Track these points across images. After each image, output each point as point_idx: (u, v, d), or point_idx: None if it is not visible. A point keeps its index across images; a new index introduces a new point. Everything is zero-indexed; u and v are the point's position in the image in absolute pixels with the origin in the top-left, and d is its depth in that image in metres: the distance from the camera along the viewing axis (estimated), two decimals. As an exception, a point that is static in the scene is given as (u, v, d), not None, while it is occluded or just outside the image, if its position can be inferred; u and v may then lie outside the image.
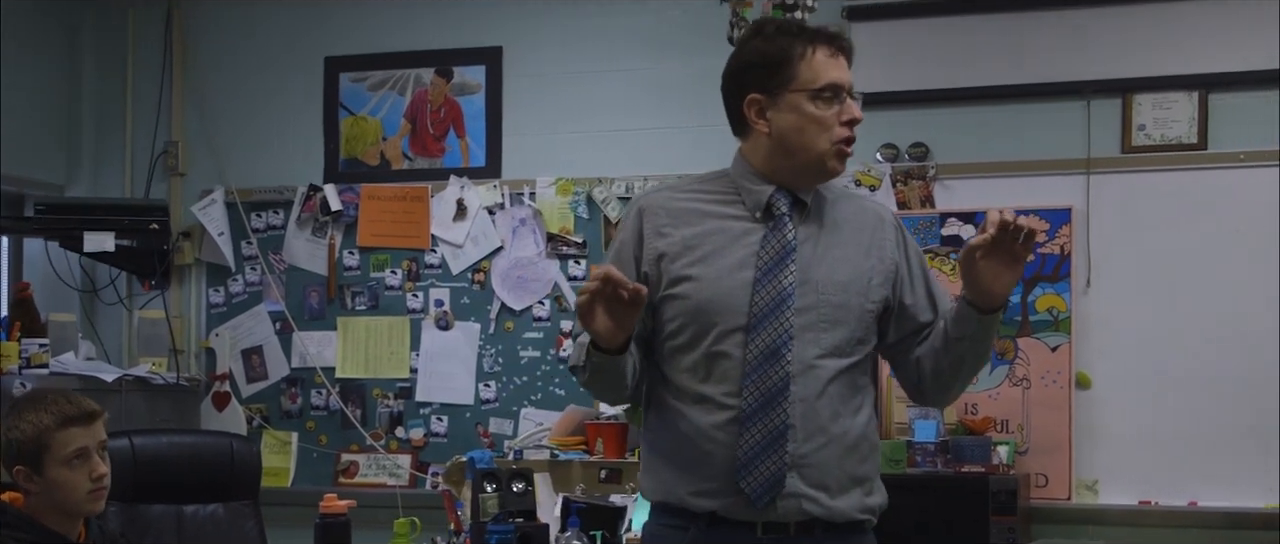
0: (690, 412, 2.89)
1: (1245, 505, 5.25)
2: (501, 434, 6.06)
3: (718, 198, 2.98)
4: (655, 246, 2.93)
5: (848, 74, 2.91)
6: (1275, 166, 5.31)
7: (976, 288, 2.82)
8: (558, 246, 6.08)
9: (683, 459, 2.89)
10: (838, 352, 2.91)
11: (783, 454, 2.83)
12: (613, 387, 2.92)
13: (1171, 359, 5.35)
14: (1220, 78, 5.40)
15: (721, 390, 2.87)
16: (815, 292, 2.89)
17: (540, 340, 6.09)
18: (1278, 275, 5.27)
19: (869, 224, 3.01)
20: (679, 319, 2.91)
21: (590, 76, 6.13)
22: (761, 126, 2.93)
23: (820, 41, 2.90)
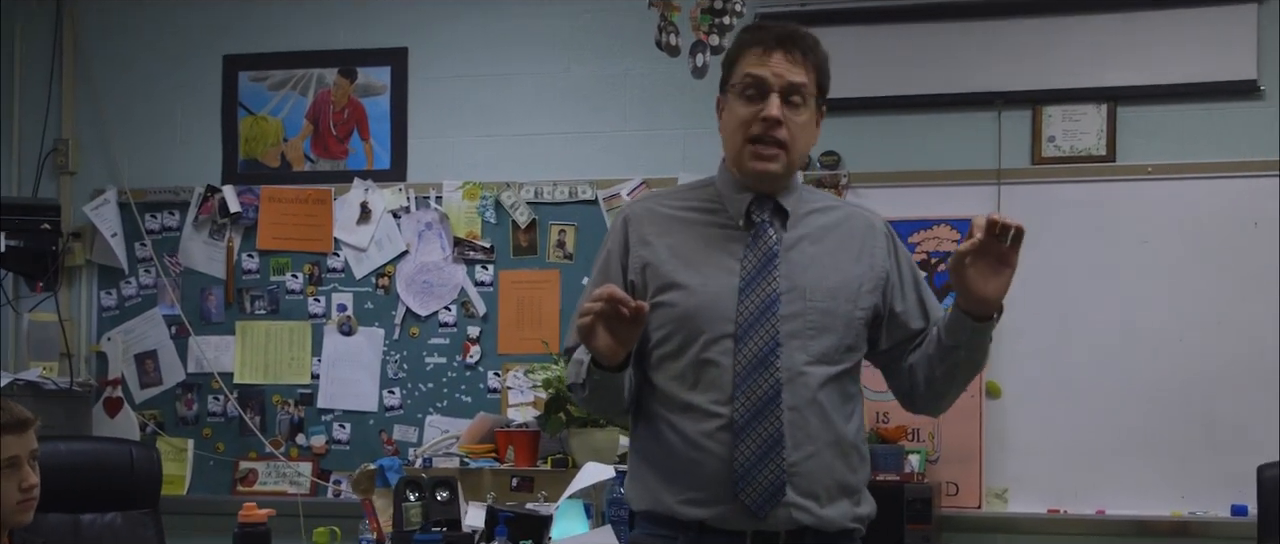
0: (678, 420, 2.85)
1: (1152, 513, 5.32)
2: (406, 441, 5.95)
3: (701, 206, 2.96)
4: (640, 255, 2.91)
5: (778, 69, 2.84)
6: (1182, 179, 5.39)
7: (968, 294, 2.76)
8: (465, 251, 5.99)
9: (670, 468, 2.86)
10: (826, 359, 2.87)
11: (780, 463, 2.80)
12: (613, 403, 2.89)
13: (1080, 369, 5.40)
14: (1128, 91, 5.47)
15: (710, 398, 2.83)
16: (802, 298, 2.86)
17: (446, 346, 6.00)
18: (1184, 287, 5.35)
19: (859, 231, 2.98)
20: (666, 327, 2.88)
21: (499, 79, 6.05)
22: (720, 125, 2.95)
23: (757, 38, 2.89)
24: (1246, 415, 5.27)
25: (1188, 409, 5.33)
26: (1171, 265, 5.37)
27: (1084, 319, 5.41)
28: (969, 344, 2.83)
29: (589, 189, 5.89)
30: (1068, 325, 5.41)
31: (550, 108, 6.02)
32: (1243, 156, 5.36)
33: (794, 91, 2.85)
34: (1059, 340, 5.41)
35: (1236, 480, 5.18)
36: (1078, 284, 5.43)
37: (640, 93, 5.92)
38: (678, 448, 2.85)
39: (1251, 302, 5.31)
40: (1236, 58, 5.38)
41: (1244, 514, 5.17)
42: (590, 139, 5.96)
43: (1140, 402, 5.36)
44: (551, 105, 6.01)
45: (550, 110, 6.01)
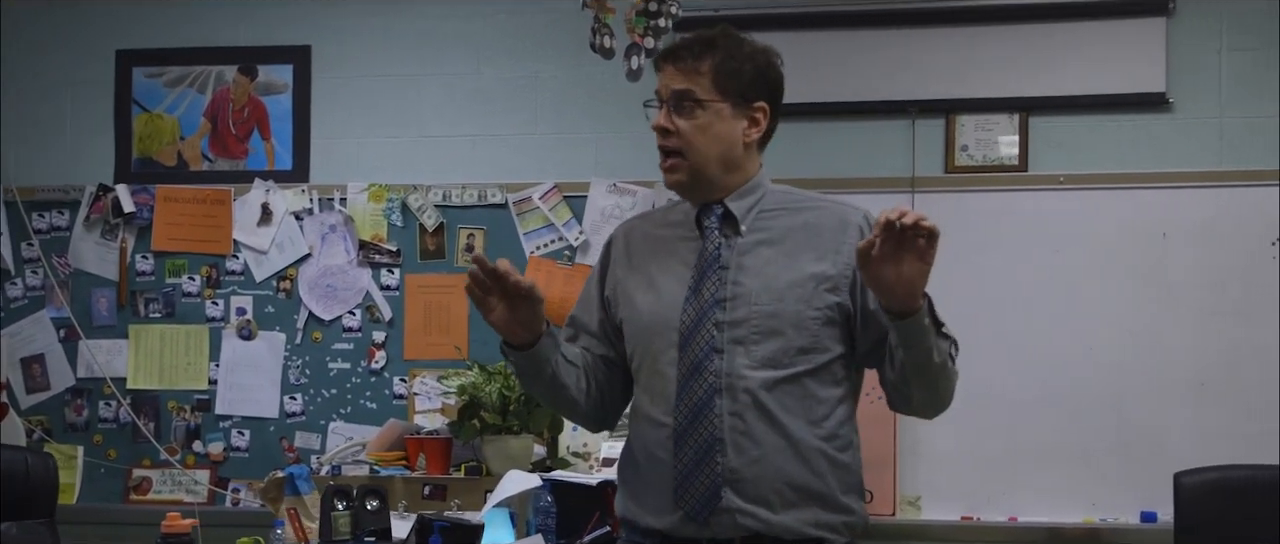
0: (640, 430, 2.94)
1: (1063, 520, 5.36)
2: (308, 449, 5.81)
3: (675, 220, 3.02)
4: (615, 276, 3.03)
5: (667, 81, 2.92)
6: (1093, 189, 5.43)
7: (881, 291, 2.72)
8: (370, 255, 5.86)
9: (637, 479, 2.94)
10: (772, 363, 2.84)
11: (715, 468, 2.80)
12: (551, 396, 2.98)
13: (992, 377, 5.41)
14: (1040, 102, 5.51)
15: (660, 409, 2.88)
16: (748, 303, 2.85)
17: (350, 352, 5.87)
18: (1095, 296, 5.39)
19: (829, 228, 2.94)
20: (631, 343, 2.97)
21: (407, 79, 5.94)
22: None
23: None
24: (1155, 424, 5.33)
25: (1098, 417, 5.37)
26: (1082, 275, 5.41)
27: (996, 328, 5.43)
28: (903, 343, 2.78)
29: (499, 193, 5.79)
30: (980, 334, 5.39)
31: (459, 109, 5.91)
32: (1152, 168, 5.42)
33: (682, 99, 2.88)
34: (972, 349, 5.27)
35: (1146, 488, 5.25)
36: (990, 293, 5.45)
37: (552, 96, 5.84)
38: (639, 458, 2.93)
39: (1160, 312, 5.37)
40: (1146, 71, 5.44)
41: (1153, 521, 5.23)
42: (501, 142, 5.87)
43: (1052, 410, 5.39)
44: (461, 107, 5.91)
45: (459, 112, 5.91)
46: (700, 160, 2.89)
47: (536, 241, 5.75)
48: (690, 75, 2.89)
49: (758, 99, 2.95)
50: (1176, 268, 5.37)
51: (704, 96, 2.89)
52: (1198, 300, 5.36)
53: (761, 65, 2.97)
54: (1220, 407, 5.30)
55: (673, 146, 2.89)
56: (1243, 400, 5.29)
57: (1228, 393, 5.30)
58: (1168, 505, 4.96)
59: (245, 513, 5.72)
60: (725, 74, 2.90)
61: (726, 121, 2.91)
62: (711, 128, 2.89)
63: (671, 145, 2.89)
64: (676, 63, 2.92)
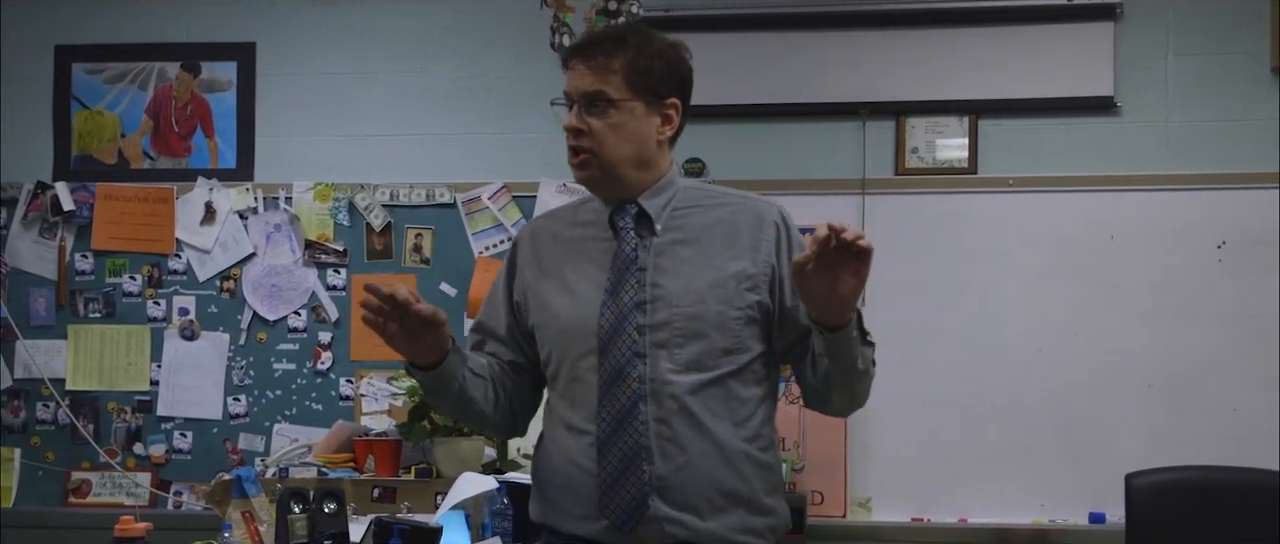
0: (561, 438, 2.88)
1: (1013, 522, 5.38)
2: (252, 450, 5.75)
3: (586, 220, 2.96)
4: (525, 277, 2.94)
5: (578, 80, 2.88)
6: (1041, 192, 5.46)
7: (815, 305, 2.71)
8: (316, 254, 5.79)
9: (558, 485, 2.87)
10: (696, 366, 2.81)
11: (641, 476, 2.77)
12: (460, 410, 2.93)
13: (942, 378, 5.44)
14: (990, 104, 5.53)
15: (581, 416, 2.84)
16: (668, 306, 2.82)
17: (296, 352, 5.80)
18: (1044, 298, 5.42)
19: (746, 225, 2.90)
20: (546, 348, 2.92)
21: (354, 78, 5.88)
22: None
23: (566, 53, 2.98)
24: (1104, 425, 5.37)
25: (1047, 419, 5.40)
26: (1031, 277, 5.44)
27: (946, 329, 5.45)
28: (831, 353, 2.78)
29: (447, 192, 5.74)
30: (931, 335, 5.44)
31: (407, 108, 5.86)
32: (1100, 171, 5.46)
33: (595, 99, 2.84)
34: (922, 350, 5.43)
35: (1094, 489, 5.30)
36: (940, 294, 5.47)
37: (500, 95, 5.80)
38: (560, 465, 2.87)
39: (1108, 313, 5.41)
40: (1094, 74, 5.48)
41: (1102, 522, 5.27)
42: (449, 141, 5.82)
43: (1001, 411, 5.42)
44: (408, 106, 5.86)
45: (407, 111, 5.86)
46: (613, 159, 2.85)
47: (485, 241, 5.71)
48: (602, 74, 2.85)
49: (670, 96, 2.90)
50: (1124, 270, 5.41)
51: (617, 96, 2.84)
52: (1145, 302, 5.40)
53: (672, 62, 2.92)
54: (1167, 408, 5.35)
55: (584, 146, 2.85)
56: (1190, 402, 5.34)
57: (1175, 394, 5.35)
58: (1115, 506, 5.00)
59: (188, 516, 5.63)
60: (637, 72, 2.86)
61: (639, 120, 2.86)
62: (625, 127, 2.85)
63: (584, 145, 2.85)
64: (587, 61, 2.87)
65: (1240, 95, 5.44)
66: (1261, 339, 5.32)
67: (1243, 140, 5.42)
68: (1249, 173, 5.38)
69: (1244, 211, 5.36)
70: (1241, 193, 5.37)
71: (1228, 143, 5.43)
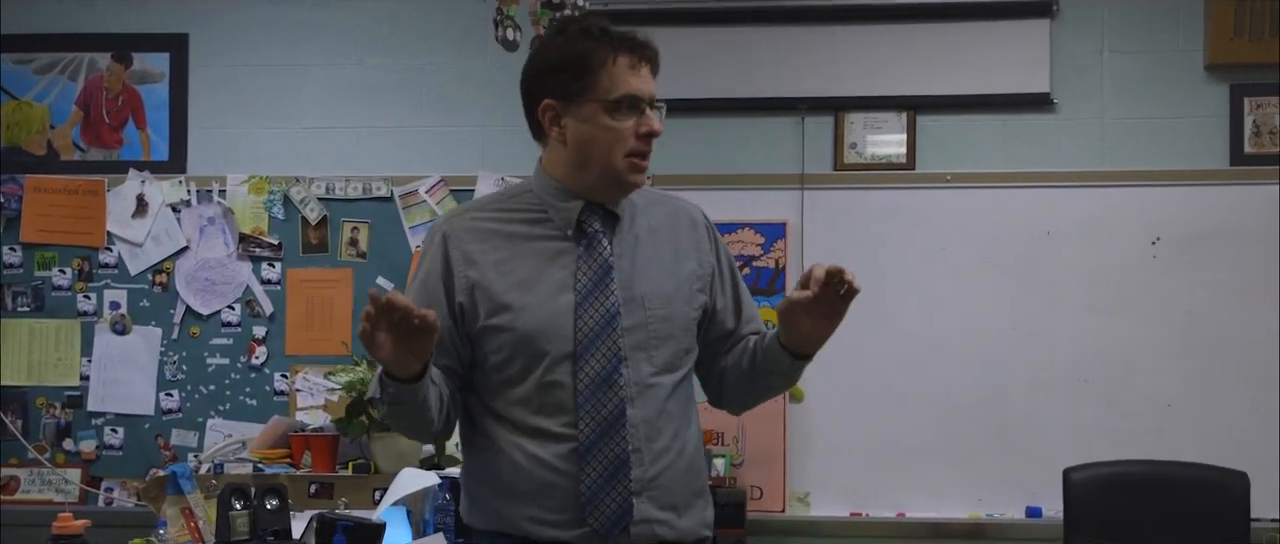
0: (528, 444, 2.72)
1: (950, 516, 5.41)
2: (185, 446, 5.67)
3: (524, 217, 2.80)
4: (467, 276, 2.75)
5: (649, 84, 2.75)
6: (978, 188, 5.49)
7: (794, 337, 2.73)
8: (250, 248, 5.73)
9: (522, 491, 2.72)
10: (670, 367, 2.78)
11: (627, 484, 2.70)
12: (415, 421, 2.72)
13: (880, 374, 5.46)
14: (928, 100, 5.56)
15: (558, 422, 2.71)
16: (641, 308, 2.76)
17: (230, 347, 5.73)
18: (980, 294, 5.45)
19: (684, 227, 2.89)
20: (505, 350, 2.74)
21: (289, 70, 5.82)
22: (556, 134, 2.77)
23: (623, 49, 2.74)
24: (1040, 420, 5.41)
25: (984, 414, 5.44)
26: (968, 272, 5.47)
27: (884, 324, 5.46)
28: (785, 372, 2.82)
29: (384, 186, 5.70)
30: (869, 331, 5.44)
31: (342, 101, 5.81)
32: (1036, 167, 5.50)
33: (653, 103, 2.76)
34: (860, 345, 5.43)
35: (1030, 483, 5.34)
36: (878, 290, 5.42)
37: (438, 88, 5.76)
38: (529, 471, 2.71)
39: (1044, 309, 5.45)
40: (1031, 71, 5.51)
41: (1038, 516, 5.31)
42: (385, 134, 5.77)
43: (938, 406, 5.44)
44: (344, 98, 5.81)
45: (343, 103, 5.81)
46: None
47: (423, 235, 5.67)
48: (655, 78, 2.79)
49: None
50: (1059, 266, 5.45)
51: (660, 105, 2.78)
52: (1080, 298, 5.44)
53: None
54: (1103, 403, 5.39)
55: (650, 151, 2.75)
56: (1124, 397, 5.39)
57: (1110, 389, 5.39)
58: (1051, 500, 5.05)
59: (120, 513, 5.55)
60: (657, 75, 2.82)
61: None
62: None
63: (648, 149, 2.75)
64: (654, 67, 2.78)
65: (1174, 93, 5.50)
66: (1195, 334, 5.37)
67: (1177, 137, 5.48)
68: (1183, 170, 5.44)
69: (1178, 208, 5.42)
70: (1176, 189, 5.42)
71: (1162, 140, 5.49)
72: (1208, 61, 5.47)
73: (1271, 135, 5.46)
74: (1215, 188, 5.42)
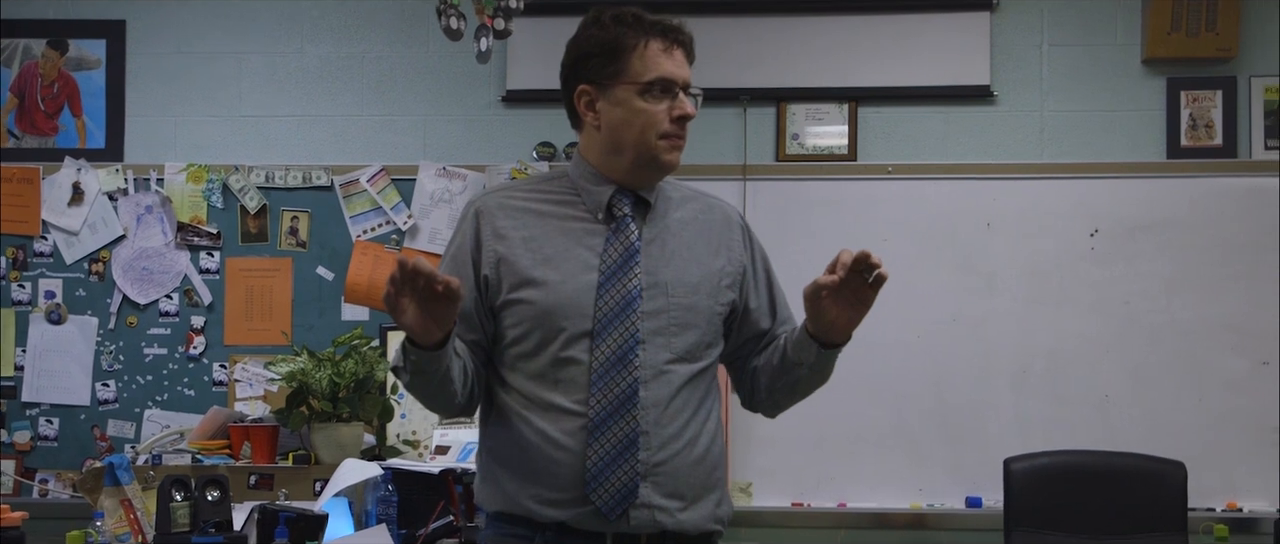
0: (537, 420, 2.74)
1: (891, 506, 5.44)
2: (122, 437, 5.61)
3: (557, 198, 2.84)
4: (495, 250, 2.78)
5: (684, 69, 2.82)
6: (919, 179, 5.52)
7: (821, 324, 2.76)
8: (189, 237, 5.67)
9: (529, 468, 2.74)
10: (689, 356, 2.79)
11: (634, 463, 2.71)
12: (438, 392, 2.72)
13: (823, 364, 5.46)
14: (869, 92, 5.58)
15: (571, 398, 2.73)
16: (665, 294, 2.78)
17: (167, 337, 5.67)
18: (922, 285, 5.47)
19: (717, 224, 2.93)
20: (524, 324, 2.77)
21: (227, 57, 5.77)
22: (591, 120, 2.81)
23: (655, 34, 2.80)
24: (980, 411, 5.44)
25: (924, 404, 5.46)
26: (910, 263, 5.49)
27: (826, 315, 5.47)
28: (814, 365, 2.84)
29: (324, 175, 5.66)
30: (810, 321, 5.47)
31: (282, 89, 5.76)
32: (977, 159, 5.54)
33: (688, 87, 2.83)
34: (802, 336, 5.47)
35: (971, 473, 5.37)
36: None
37: (379, 77, 5.73)
38: (537, 447, 2.74)
39: (985, 300, 5.48)
40: (971, 64, 5.55)
41: (978, 506, 5.35)
42: (326, 123, 5.73)
43: (880, 397, 5.47)
44: (284, 87, 5.76)
45: (282, 92, 5.76)
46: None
47: (364, 225, 5.64)
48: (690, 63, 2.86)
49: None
50: (999, 257, 5.49)
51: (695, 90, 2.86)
52: (1020, 289, 5.48)
53: None
54: (1042, 393, 5.43)
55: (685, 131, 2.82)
56: (1063, 387, 5.43)
57: (1049, 380, 5.44)
58: (992, 490, 5.08)
59: (55, 504, 5.49)
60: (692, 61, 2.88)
61: None
62: None
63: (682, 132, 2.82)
64: (688, 53, 2.86)
65: (1113, 86, 5.55)
66: (1132, 326, 5.43)
67: (1115, 130, 5.53)
68: (1121, 162, 5.49)
69: (1116, 200, 5.46)
70: (1114, 182, 5.47)
71: (1101, 132, 5.54)
72: (1145, 55, 5.52)
73: (1207, 129, 5.52)
74: (1153, 180, 5.47)
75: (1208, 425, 5.36)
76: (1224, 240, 5.43)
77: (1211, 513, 5.27)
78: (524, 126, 5.65)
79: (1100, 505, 4.71)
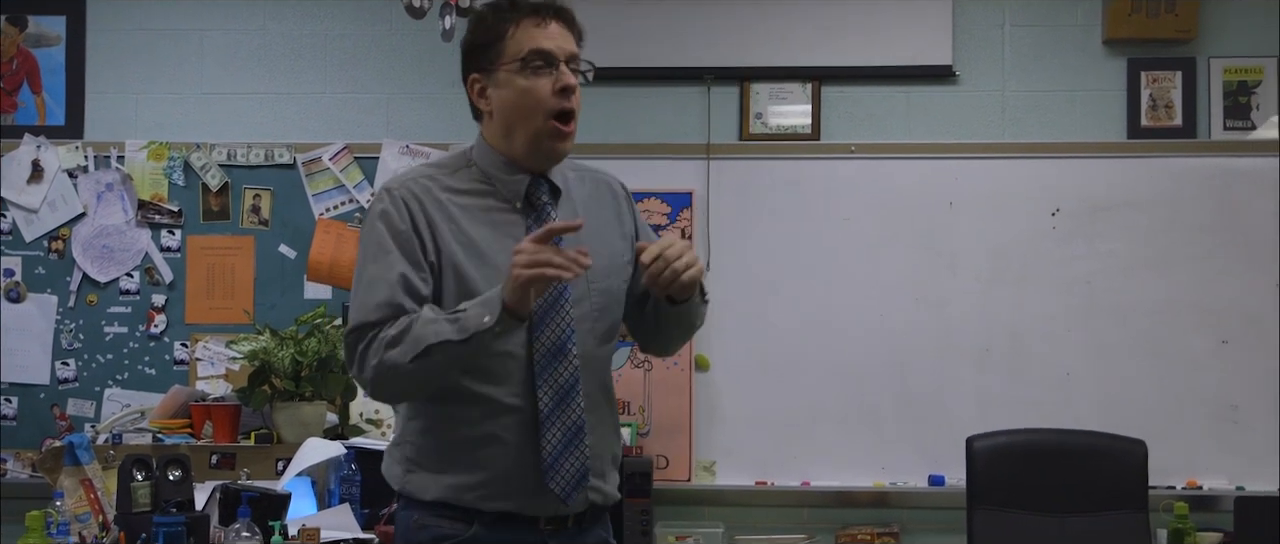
0: (469, 413, 2.72)
1: (853, 485, 5.46)
2: (82, 417, 5.58)
3: (472, 188, 2.79)
4: (436, 238, 2.73)
5: (560, 39, 2.76)
6: (882, 159, 5.53)
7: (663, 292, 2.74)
8: (150, 214, 5.64)
9: (467, 461, 2.73)
10: (608, 337, 2.84)
11: (583, 450, 2.74)
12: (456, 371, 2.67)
13: (785, 343, 5.49)
14: (832, 71, 5.59)
15: (505, 391, 2.72)
16: (585, 281, 2.76)
17: (128, 316, 5.64)
18: (884, 264, 5.49)
19: (609, 199, 2.92)
20: None
21: (189, 35, 5.74)
22: (484, 106, 2.80)
23: (525, 13, 2.77)
24: (942, 389, 5.47)
25: (887, 383, 5.49)
26: (872, 243, 5.51)
27: (790, 294, 5.49)
28: (676, 321, 2.86)
29: (287, 152, 5.63)
30: (774, 300, 5.49)
31: (244, 67, 5.73)
32: (939, 139, 5.56)
33: (574, 61, 2.78)
34: (766, 315, 5.48)
35: (933, 451, 5.40)
36: (784, 260, 5.51)
37: (342, 55, 5.71)
38: (472, 440, 2.72)
39: (946, 279, 5.50)
40: (933, 44, 5.56)
41: (941, 484, 5.37)
42: (288, 101, 5.71)
43: (843, 376, 5.48)
44: (246, 64, 5.73)
45: (244, 69, 5.73)
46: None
47: (326, 203, 5.61)
48: (574, 39, 2.80)
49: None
50: (961, 236, 5.51)
51: (584, 65, 2.81)
52: (982, 268, 5.51)
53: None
54: (1004, 372, 5.46)
55: (574, 106, 2.77)
56: (1025, 366, 5.46)
57: (1011, 359, 5.46)
58: (955, 468, 5.10)
59: (14, 484, 5.48)
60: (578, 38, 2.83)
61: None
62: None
63: (575, 104, 2.76)
64: (566, 24, 2.80)
65: (1074, 66, 5.58)
66: (1093, 304, 5.46)
67: (1076, 110, 5.56)
68: (1082, 142, 5.52)
69: (1077, 180, 5.49)
70: (1075, 161, 5.50)
71: (1062, 113, 5.57)
72: (1106, 36, 5.55)
73: (1167, 109, 5.55)
74: (1113, 160, 5.50)
75: (1168, 404, 5.40)
76: (1184, 220, 5.46)
77: (1172, 491, 5.31)
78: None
79: (1062, 483, 4.73)
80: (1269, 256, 5.43)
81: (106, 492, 4.12)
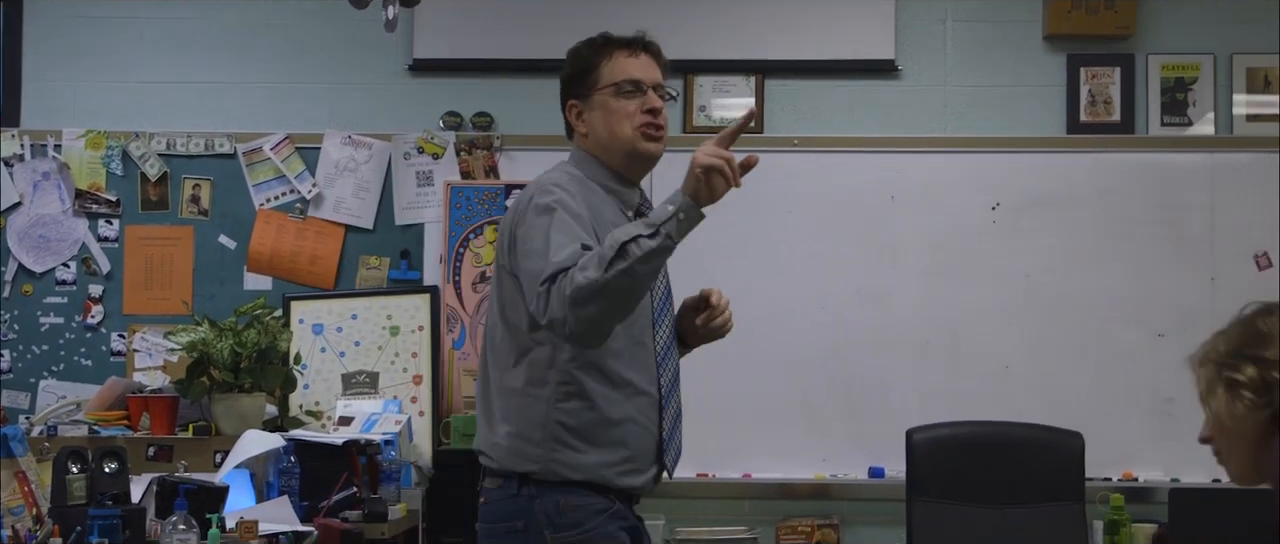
0: (618, 396, 3.04)
1: (795, 477, 5.48)
2: (16, 408, 5.51)
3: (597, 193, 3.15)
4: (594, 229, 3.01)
5: (650, 71, 3.22)
6: (825, 152, 5.55)
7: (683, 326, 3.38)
8: (87, 204, 5.59)
9: (613, 441, 3.04)
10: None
11: (681, 430, 3.24)
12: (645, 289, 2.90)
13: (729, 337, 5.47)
14: (776, 65, 5.61)
15: (642, 377, 3.09)
16: (666, 283, 3.25)
17: (64, 306, 5.60)
18: (826, 257, 5.51)
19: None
20: None
21: (127, 22, 5.70)
22: (582, 128, 3.22)
23: (619, 46, 3.23)
24: (883, 382, 5.49)
25: (828, 375, 5.51)
26: (815, 236, 5.53)
27: (732, 287, 5.36)
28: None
29: (227, 142, 5.59)
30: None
31: (185, 55, 5.70)
32: (882, 133, 5.58)
33: (660, 89, 3.24)
34: (707, 307, 5.48)
35: (873, 444, 5.42)
36: (726, 253, 5.49)
37: (284, 44, 5.67)
38: (620, 423, 3.04)
39: (888, 272, 5.53)
40: (876, 38, 5.60)
41: (881, 476, 5.40)
42: (229, 90, 5.67)
43: (784, 369, 5.50)
44: (186, 52, 5.69)
45: (185, 57, 5.69)
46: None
47: (267, 193, 5.58)
48: (660, 70, 3.25)
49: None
50: (903, 229, 5.54)
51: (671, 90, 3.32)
52: (923, 261, 5.54)
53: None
54: (944, 365, 5.49)
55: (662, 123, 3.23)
56: (965, 359, 5.49)
57: (951, 352, 5.50)
58: (895, 461, 5.13)
59: (-52, 476, 5.40)
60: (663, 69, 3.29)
61: None
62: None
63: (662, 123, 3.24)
64: (654, 56, 3.25)
65: (1015, 62, 5.62)
66: (1032, 298, 5.50)
67: (1016, 105, 5.60)
68: (1022, 137, 5.56)
69: (1017, 174, 5.53)
70: (1015, 156, 5.54)
71: (1002, 108, 5.61)
72: (1046, 32, 5.59)
73: (1106, 104, 5.60)
74: (1052, 155, 5.55)
75: (1104, 396, 5.45)
76: (1121, 214, 5.51)
77: (1108, 482, 5.36)
78: (430, 96, 5.63)
79: (1000, 475, 4.77)
80: (1204, 251, 5.49)
81: (41, 484, 4.06)
